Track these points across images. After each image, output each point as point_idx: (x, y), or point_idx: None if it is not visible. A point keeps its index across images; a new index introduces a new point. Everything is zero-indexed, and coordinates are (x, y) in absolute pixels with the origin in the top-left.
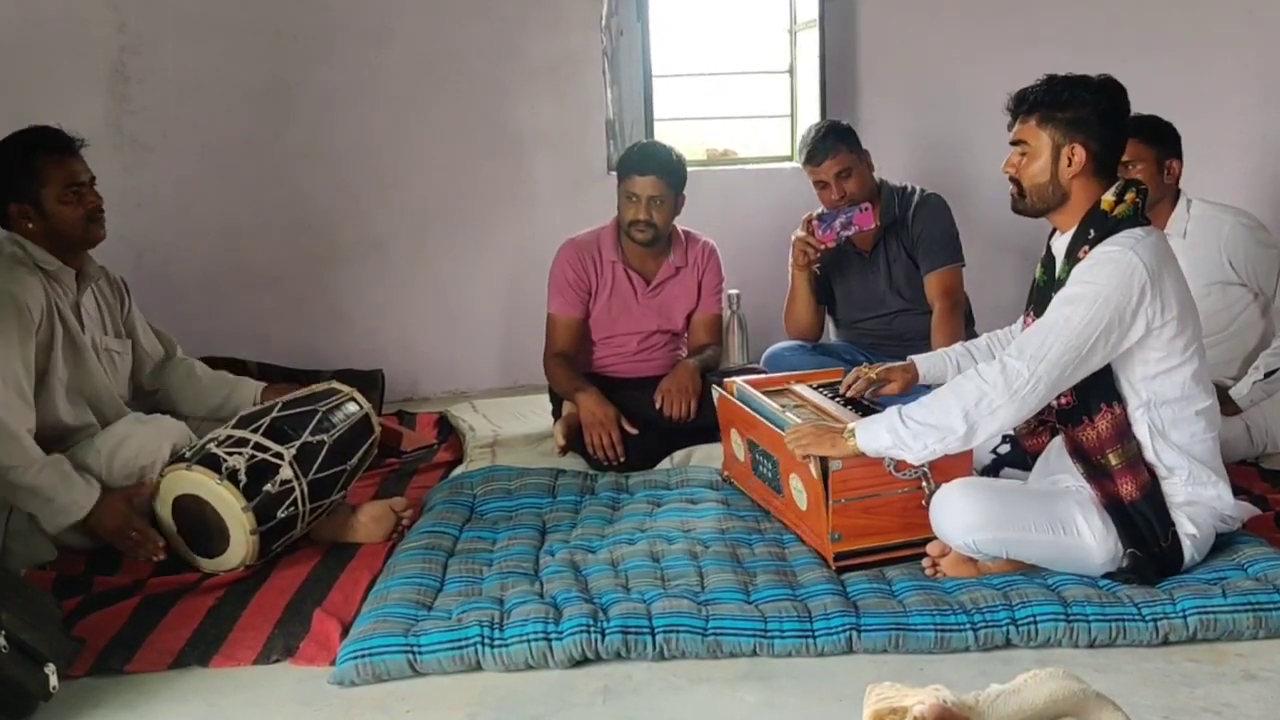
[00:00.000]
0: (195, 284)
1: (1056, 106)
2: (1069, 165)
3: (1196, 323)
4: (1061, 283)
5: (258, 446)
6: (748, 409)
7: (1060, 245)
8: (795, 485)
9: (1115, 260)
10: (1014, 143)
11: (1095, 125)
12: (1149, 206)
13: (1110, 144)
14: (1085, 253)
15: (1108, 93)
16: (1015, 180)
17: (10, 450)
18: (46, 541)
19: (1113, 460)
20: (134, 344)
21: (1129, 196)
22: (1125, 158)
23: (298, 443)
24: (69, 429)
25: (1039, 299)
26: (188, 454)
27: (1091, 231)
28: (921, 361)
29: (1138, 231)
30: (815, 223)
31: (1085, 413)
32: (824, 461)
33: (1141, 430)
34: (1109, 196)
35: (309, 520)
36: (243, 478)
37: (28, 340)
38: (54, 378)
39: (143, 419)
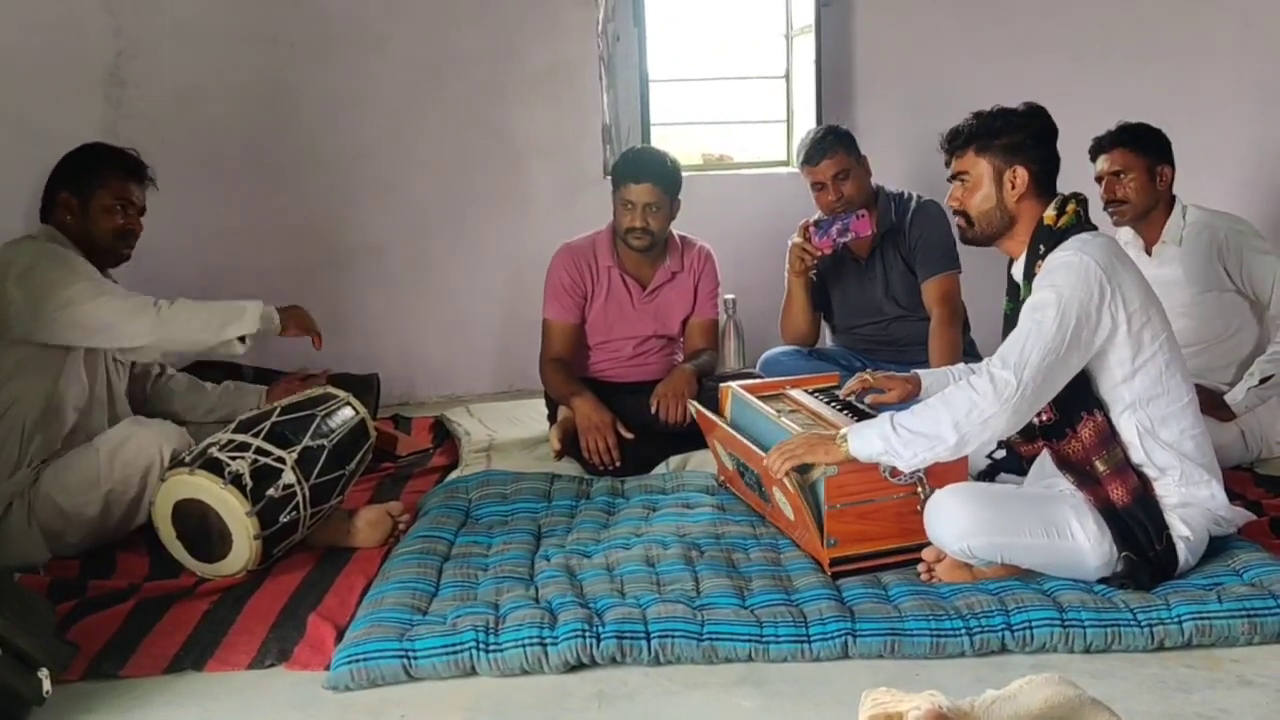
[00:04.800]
0: (191, 289)
1: (990, 135)
2: (1012, 188)
3: (1162, 315)
4: None
5: (259, 451)
6: (722, 424)
7: (1018, 271)
8: (779, 497)
9: (1069, 264)
10: (954, 176)
11: (1031, 148)
12: (1142, 214)
13: (1046, 163)
14: (1040, 267)
15: (1036, 116)
16: (961, 212)
17: (145, 323)
18: (40, 543)
19: (1100, 467)
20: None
21: (1069, 207)
22: (1116, 167)
23: (299, 447)
24: (80, 427)
25: (1010, 328)
26: (188, 458)
27: (1041, 247)
28: (926, 376)
29: (1084, 235)
30: (812, 229)
31: (1067, 425)
32: (803, 473)
33: (1130, 433)
34: (1050, 212)
35: (309, 524)
36: (247, 481)
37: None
38: (84, 374)
39: (142, 421)
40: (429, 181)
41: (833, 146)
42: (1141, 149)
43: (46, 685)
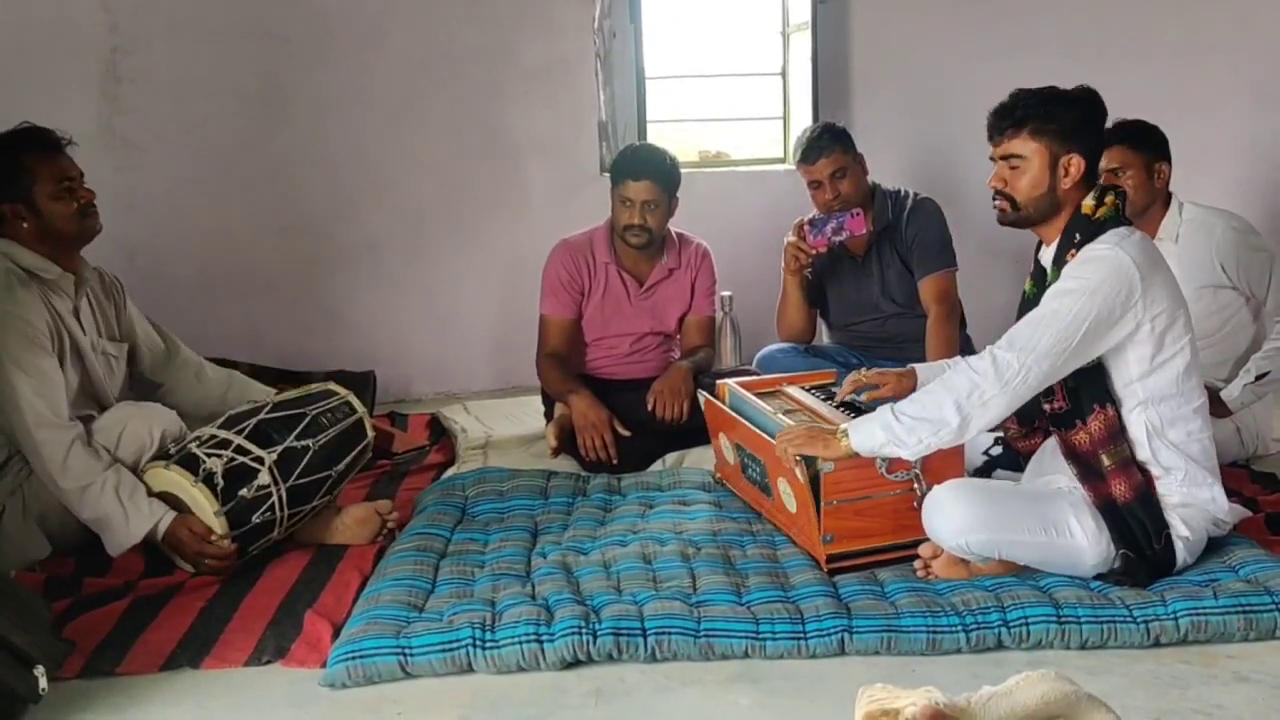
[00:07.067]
0: (188, 285)
1: (1047, 118)
2: (1066, 175)
3: (1187, 318)
4: None
5: (239, 449)
6: (733, 413)
7: (1047, 256)
8: (783, 488)
9: (1104, 257)
10: (1003, 157)
11: (1085, 135)
12: (1141, 211)
13: (1095, 151)
14: (1073, 255)
15: (1091, 102)
16: (1005, 194)
17: (60, 468)
18: (39, 538)
19: (1105, 461)
20: (132, 345)
21: (1108, 199)
22: (1115, 164)
23: (280, 447)
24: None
25: (1028, 311)
26: (173, 450)
27: (1076, 236)
28: (923, 370)
29: (1122, 230)
30: (807, 228)
31: (1078, 415)
32: (810, 465)
33: (1138, 430)
34: (1088, 201)
35: (288, 525)
36: (219, 481)
37: (45, 357)
38: (67, 384)
39: (134, 405)
40: (426, 179)
41: (829, 145)
42: (1140, 146)
43: (43, 683)
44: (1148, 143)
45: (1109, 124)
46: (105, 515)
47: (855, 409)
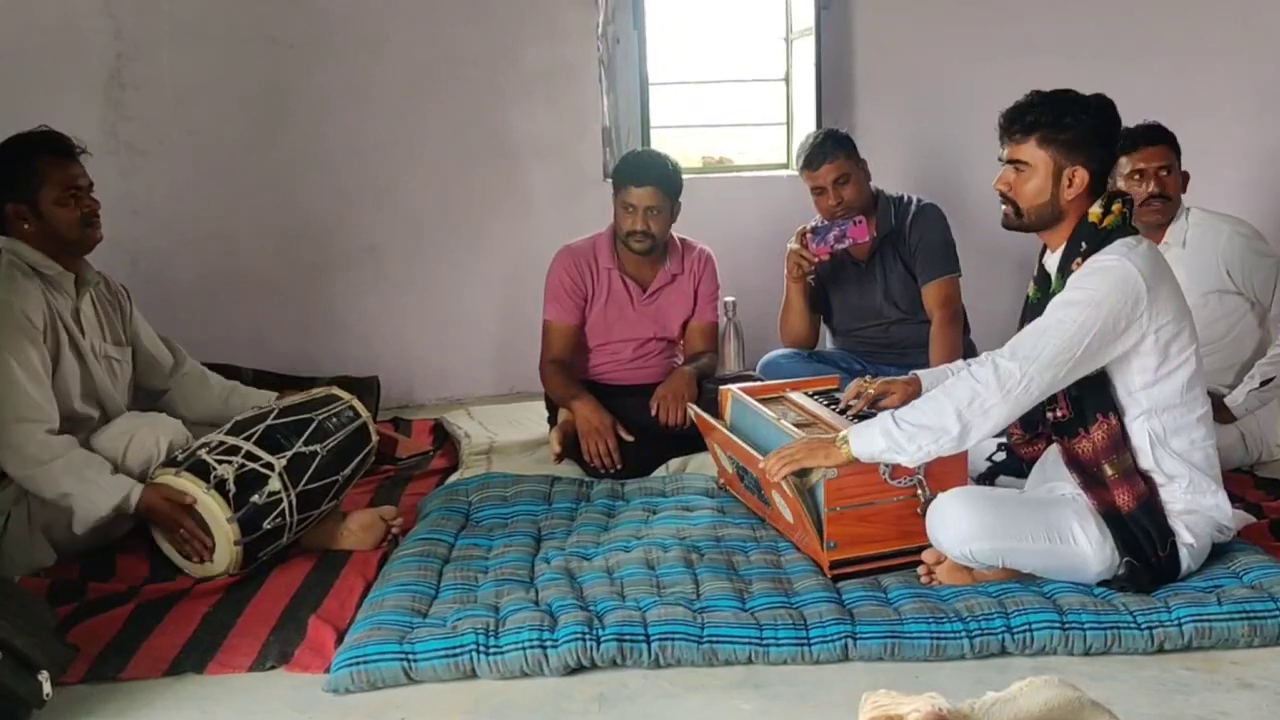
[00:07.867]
0: (190, 290)
1: (1057, 128)
2: (1070, 187)
3: (1192, 328)
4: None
5: (249, 455)
6: (722, 428)
7: (1052, 262)
8: (778, 500)
9: (1111, 268)
10: (1010, 161)
11: (1094, 146)
12: (1174, 218)
13: (1105, 162)
14: (1079, 264)
15: (1104, 113)
16: (1009, 199)
17: (21, 456)
18: (45, 546)
19: (1108, 470)
20: (136, 351)
21: (1115, 207)
22: (1160, 163)
23: (289, 453)
24: (78, 417)
25: (1032, 316)
26: (180, 456)
27: (1083, 244)
28: (925, 376)
29: (1130, 240)
30: (809, 235)
31: (1081, 424)
32: (802, 477)
33: (1141, 439)
34: (1095, 209)
35: (296, 530)
36: (231, 488)
37: (32, 346)
38: (67, 378)
39: (140, 416)
40: (428, 183)
41: (832, 151)
42: (1176, 148)
43: (47, 688)
44: (1177, 147)
45: (1141, 124)
46: (69, 491)
47: (865, 420)
